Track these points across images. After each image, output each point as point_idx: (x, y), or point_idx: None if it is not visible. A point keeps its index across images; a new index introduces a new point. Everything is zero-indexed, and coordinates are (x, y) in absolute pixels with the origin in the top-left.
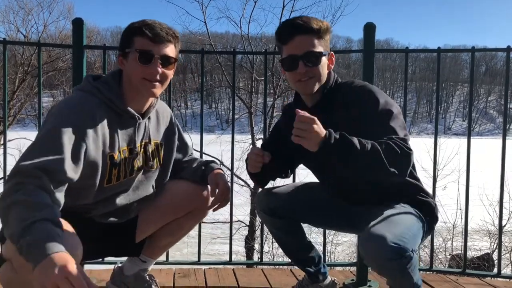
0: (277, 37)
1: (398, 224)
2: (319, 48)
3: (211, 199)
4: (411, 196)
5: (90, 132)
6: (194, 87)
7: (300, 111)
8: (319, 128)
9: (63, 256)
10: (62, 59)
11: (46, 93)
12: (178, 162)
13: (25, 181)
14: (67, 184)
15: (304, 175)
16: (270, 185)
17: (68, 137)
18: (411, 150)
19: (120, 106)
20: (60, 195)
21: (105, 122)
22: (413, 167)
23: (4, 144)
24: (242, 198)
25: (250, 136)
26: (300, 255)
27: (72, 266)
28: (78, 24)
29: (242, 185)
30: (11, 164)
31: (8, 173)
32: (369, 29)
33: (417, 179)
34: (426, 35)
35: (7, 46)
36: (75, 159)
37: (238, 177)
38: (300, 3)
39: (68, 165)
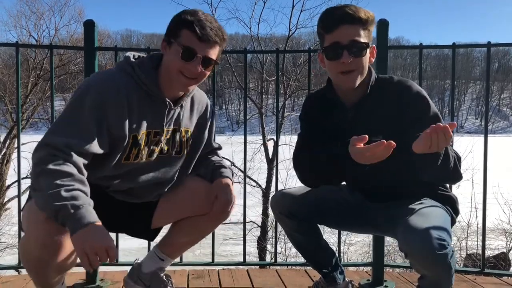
0: (321, 25)
1: (433, 217)
2: (365, 39)
3: (235, 203)
4: (433, 190)
5: (115, 110)
6: (204, 88)
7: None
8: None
9: (102, 229)
10: (73, 63)
11: (58, 96)
12: (200, 155)
13: (56, 153)
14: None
15: None
16: (282, 186)
17: (94, 114)
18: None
19: (152, 89)
20: (85, 170)
21: (134, 102)
22: None
23: (18, 148)
24: (253, 199)
25: (261, 137)
26: (318, 257)
27: (111, 240)
28: (89, 25)
29: (254, 186)
30: (25, 167)
31: (22, 170)
32: (383, 25)
33: None
34: (436, 34)
35: (20, 50)
36: (100, 136)
37: (249, 178)
38: (310, 3)
39: (94, 143)
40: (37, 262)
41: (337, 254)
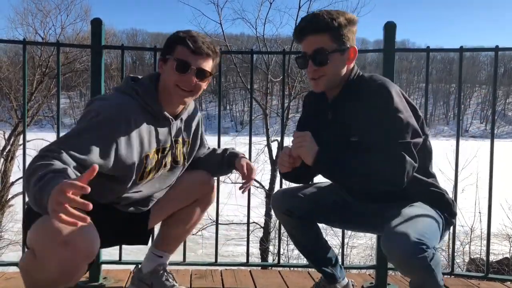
0: (293, 36)
1: (418, 221)
2: (332, 46)
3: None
4: (427, 193)
5: (124, 133)
6: (208, 88)
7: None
8: (311, 142)
9: (64, 183)
10: (79, 61)
11: (63, 94)
12: (197, 159)
13: (47, 154)
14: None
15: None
16: (285, 185)
17: (100, 134)
18: (406, 155)
19: (156, 109)
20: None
21: (142, 124)
22: (429, 163)
23: (24, 145)
24: (257, 200)
25: (265, 138)
26: (317, 256)
27: (72, 184)
28: (97, 24)
29: (257, 187)
30: None
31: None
32: (390, 28)
33: (433, 175)
34: (441, 37)
35: (26, 48)
36: (103, 153)
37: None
38: (317, 4)
39: (94, 153)
40: (50, 284)
41: (340, 256)
